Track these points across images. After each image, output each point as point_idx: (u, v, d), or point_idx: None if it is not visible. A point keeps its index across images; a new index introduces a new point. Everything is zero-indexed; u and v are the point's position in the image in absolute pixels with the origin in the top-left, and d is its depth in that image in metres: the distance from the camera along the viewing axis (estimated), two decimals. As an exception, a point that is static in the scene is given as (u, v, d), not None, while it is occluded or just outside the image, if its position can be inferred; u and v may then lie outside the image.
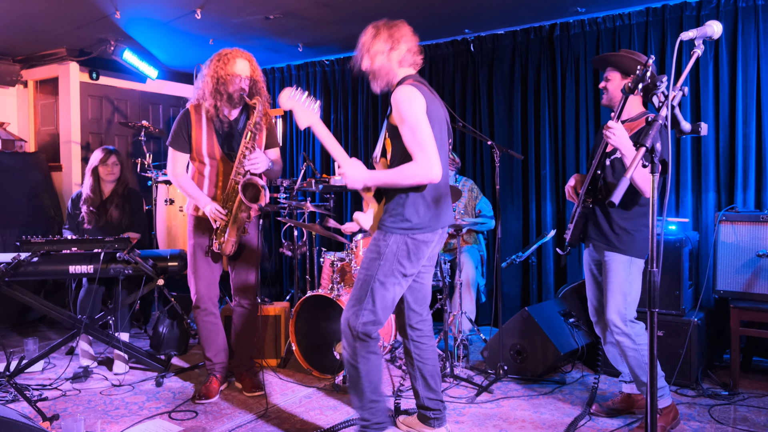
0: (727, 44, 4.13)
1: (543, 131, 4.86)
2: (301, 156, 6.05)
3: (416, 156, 2.43)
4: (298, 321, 3.82)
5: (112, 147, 4.30)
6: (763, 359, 3.92)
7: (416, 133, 2.43)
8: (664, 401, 2.85)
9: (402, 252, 2.53)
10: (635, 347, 2.79)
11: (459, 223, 3.85)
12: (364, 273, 2.57)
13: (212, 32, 5.02)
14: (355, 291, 2.59)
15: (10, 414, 2.21)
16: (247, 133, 3.18)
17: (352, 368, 2.59)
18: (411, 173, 2.44)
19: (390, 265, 2.52)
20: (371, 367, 2.58)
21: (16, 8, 4.38)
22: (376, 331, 2.57)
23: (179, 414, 3.17)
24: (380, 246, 2.54)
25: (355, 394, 2.63)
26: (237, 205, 3.17)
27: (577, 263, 4.72)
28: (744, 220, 3.48)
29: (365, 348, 2.56)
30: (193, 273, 3.36)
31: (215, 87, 3.16)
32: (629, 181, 1.69)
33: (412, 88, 2.47)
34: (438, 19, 4.71)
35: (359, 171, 2.51)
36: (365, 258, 2.60)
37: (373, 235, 2.61)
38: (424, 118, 2.45)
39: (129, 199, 4.28)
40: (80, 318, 3.66)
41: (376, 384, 2.61)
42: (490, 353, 3.76)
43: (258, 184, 3.14)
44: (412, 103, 2.45)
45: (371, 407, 2.61)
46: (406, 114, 2.44)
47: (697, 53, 1.89)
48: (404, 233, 2.53)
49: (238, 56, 3.19)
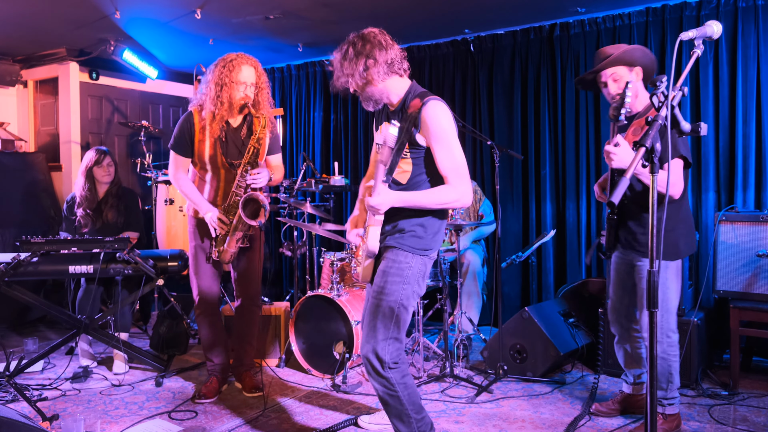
0: (727, 44, 4.13)
1: (543, 131, 4.86)
2: (301, 156, 6.05)
3: (452, 180, 2.30)
4: (298, 321, 3.82)
5: (104, 148, 4.27)
6: (763, 359, 3.92)
7: (455, 155, 2.30)
8: (672, 409, 2.85)
9: (421, 273, 2.42)
10: (664, 357, 2.77)
11: (459, 223, 3.85)
12: (385, 299, 2.37)
13: (212, 32, 5.02)
14: (375, 319, 2.38)
15: (10, 414, 2.21)
16: (250, 149, 3.14)
17: (392, 398, 2.39)
18: (446, 198, 2.31)
19: (412, 288, 2.40)
20: (411, 390, 2.43)
21: (16, 8, 4.37)
22: (401, 353, 2.43)
23: (179, 414, 3.17)
24: (403, 269, 2.37)
25: (401, 423, 2.42)
26: (237, 219, 3.16)
27: (576, 263, 4.72)
28: (744, 220, 3.48)
29: (400, 373, 2.40)
30: (194, 273, 3.35)
31: (218, 94, 3.09)
32: (629, 181, 1.69)
33: (444, 106, 2.33)
34: (438, 19, 4.71)
35: (387, 194, 2.32)
36: (383, 281, 2.39)
37: (388, 256, 2.41)
38: (458, 139, 2.34)
39: (123, 198, 4.27)
40: (80, 318, 3.66)
41: (417, 401, 2.45)
42: (489, 353, 3.76)
43: (259, 199, 3.10)
44: (450, 123, 2.32)
45: (420, 426, 2.45)
46: (446, 134, 2.30)
47: (697, 53, 1.89)
48: (424, 254, 2.41)
49: (243, 63, 3.11)
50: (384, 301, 2.37)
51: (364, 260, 2.50)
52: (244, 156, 3.17)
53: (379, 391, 2.41)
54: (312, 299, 3.77)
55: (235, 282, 3.47)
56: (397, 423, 2.44)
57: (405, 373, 2.42)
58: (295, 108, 6.23)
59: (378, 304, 2.38)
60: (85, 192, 4.12)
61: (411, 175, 2.38)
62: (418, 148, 2.34)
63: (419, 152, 2.36)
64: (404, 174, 2.39)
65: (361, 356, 2.43)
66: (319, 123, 6.04)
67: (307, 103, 6.13)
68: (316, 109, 6.06)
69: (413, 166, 2.38)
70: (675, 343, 2.81)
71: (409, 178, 2.39)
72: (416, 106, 2.31)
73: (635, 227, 2.79)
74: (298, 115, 6.21)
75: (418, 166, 2.38)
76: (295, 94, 6.21)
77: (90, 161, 4.14)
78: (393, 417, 2.44)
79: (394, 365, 2.38)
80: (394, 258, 2.39)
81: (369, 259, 2.47)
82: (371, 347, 2.37)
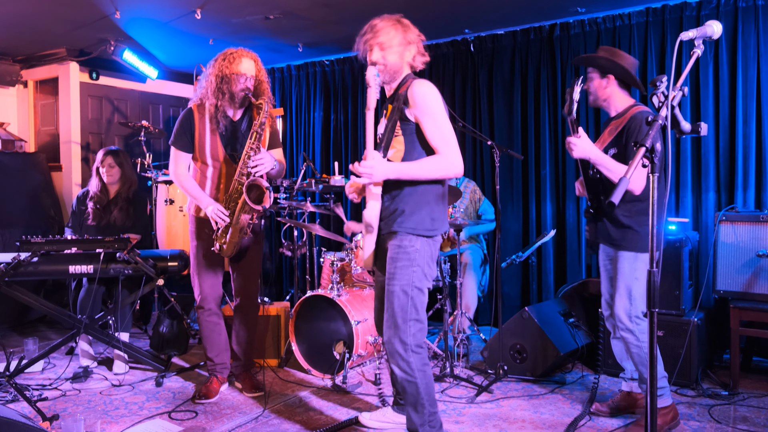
0: (727, 44, 4.13)
1: (543, 131, 4.85)
2: (301, 156, 6.05)
3: (442, 149, 2.44)
4: (298, 321, 3.82)
5: (114, 147, 4.32)
6: (763, 359, 3.92)
7: (442, 126, 2.45)
8: (663, 401, 2.85)
9: (428, 255, 2.52)
10: (638, 344, 2.80)
11: (459, 223, 3.85)
12: (398, 284, 2.46)
13: (212, 32, 5.02)
14: (393, 305, 2.47)
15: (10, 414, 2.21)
16: (253, 134, 3.14)
17: (410, 385, 2.47)
18: (438, 166, 2.44)
19: (422, 270, 2.49)
20: (429, 379, 2.50)
21: (16, 8, 4.38)
22: (425, 336, 2.51)
23: (179, 414, 3.17)
24: (409, 252, 2.47)
25: (414, 412, 2.50)
26: (240, 207, 3.14)
27: (576, 263, 4.72)
28: (744, 220, 3.48)
29: (421, 360, 2.48)
30: (196, 273, 3.35)
31: (218, 86, 3.13)
32: (629, 181, 1.69)
33: (432, 85, 2.49)
34: (438, 19, 4.71)
35: (381, 162, 2.44)
36: (393, 268, 2.49)
37: (392, 243, 2.51)
38: (446, 114, 2.48)
39: (134, 203, 4.31)
40: (80, 318, 3.66)
41: (433, 395, 2.53)
42: (490, 353, 3.76)
43: (262, 185, 3.11)
44: (437, 98, 2.48)
45: (431, 420, 2.51)
46: (432, 108, 2.46)
47: (697, 53, 1.89)
48: (428, 236, 2.51)
49: (243, 55, 3.17)
50: (397, 286, 2.47)
51: (364, 239, 2.56)
52: (245, 146, 3.17)
53: (399, 377, 2.49)
54: (312, 299, 3.77)
55: (235, 282, 3.47)
56: (411, 412, 2.52)
57: (425, 362, 2.50)
58: (295, 108, 6.23)
59: (392, 290, 2.48)
60: (97, 189, 4.21)
61: (404, 154, 2.50)
62: (407, 123, 2.49)
63: (409, 127, 2.49)
64: (398, 153, 2.51)
65: (384, 342, 2.52)
66: (319, 123, 6.04)
67: (307, 103, 6.13)
68: (316, 109, 6.06)
69: (405, 144, 2.50)
70: (646, 330, 2.80)
71: (403, 156, 2.50)
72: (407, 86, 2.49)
73: (607, 222, 2.88)
74: (298, 115, 6.22)
75: (409, 143, 2.49)
76: (295, 94, 6.21)
77: (96, 161, 4.24)
78: (409, 405, 2.52)
79: (417, 348, 2.46)
80: (398, 243, 2.49)
81: (368, 234, 2.52)
82: (393, 332, 2.46)
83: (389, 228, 2.52)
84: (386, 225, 2.52)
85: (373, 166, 2.40)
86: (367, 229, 2.52)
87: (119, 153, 4.26)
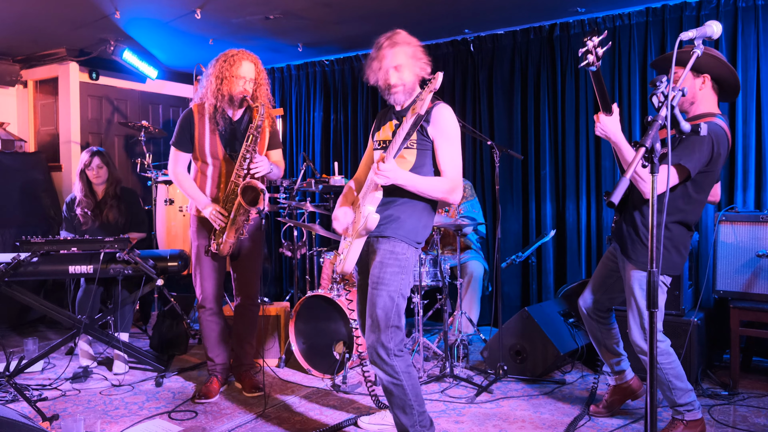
0: (727, 44, 4.13)
1: (543, 131, 4.85)
2: (301, 156, 6.05)
3: (449, 174, 2.52)
4: (297, 321, 3.82)
5: (96, 148, 4.23)
6: (763, 359, 3.92)
7: (455, 154, 2.54)
8: (693, 414, 2.68)
9: (413, 264, 2.60)
10: (658, 366, 2.65)
11: (460, 223, 3.85)
12: (385, 290, 2.48)
13: (212, 32, 5.02)
14: (376, 311, 2.48)
15: (9, 414, 2.21)
16: (249, 136, 3.16)
17: (396, 388, 2.48)
18: (443, 188, 2.51)
19: (408, 278, 2.55)
20: (414, 381, 2.52)
21: (16, 8, 4.38)
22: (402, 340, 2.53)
23: (179, 414, 3.17)
24: (401, 259, 2.51)
25: (403, 414, 2.51)
26: (236, 208, 3.16)
27: (576, 263, 4.72)
28: (744, 220, 3.48)
29: (404, 362, 2.50)
30: (198, 273, 3.36)
31: (218, 87, 3.16)
32: (629, 181, 1.68)
33: (452, 112, 2.59)
34: (438, 19, 4.71)
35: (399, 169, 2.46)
36: (381, 272, 2.50)
37: (384, 247, 2.52)
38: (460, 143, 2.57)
39: (123, 198, 4.27)
40: (80, 318, 3.66)
41: (420, 395, 2.54)
42: (489, 353, 3.76)
43: (257, 187, 3.11)
44: (457, 126, 2.58)
45: (421, 419, 2.52)
46: (452, 133, 2.54)
47: (697, 53, 1.89)
48: (417, 246, 2.58)
49: (244, 58, 3.19)
50: (384, 291, 2.49)
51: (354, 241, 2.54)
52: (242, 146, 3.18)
53: (384, 381, 2.51)
54: (312, 299, 3.77)
55: (235, 282, 3.48)
56: (399, 414, 2.52)
57: (409, 363, 2.53)
58: (295, 108, 6.23)
59: (378, 294, 2.49)
60: (83, 194, 4.14)
61: (413, 167, 2.53)
62: (426, 139, 2.53)
63: (425, 144, 2.53)
64: (406, 163, 2.53)
65: (366, 346, 2.53)
66: (319, 123, 6.04)
67: (307, 103, 6.13)
68: (316, 109, 6.06)
69: (417, 157, 2.54)
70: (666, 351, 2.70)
71: (410, 169, 2.53)
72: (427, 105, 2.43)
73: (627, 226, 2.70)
74: (298, 115, 6.21)
75: (420, 158, 2.54)
76: (295, 94, 6.21)
77: (81, 164, 4.15)
78: (396, 408, 2.52)
79: (399, 352, 2.49)
80: (391, 249, 2.52)
81: (362, 237, 2.53)
82: (376, 337, 2.48)
83: (382, 232, 2.53)
84: (378, 229, 2.52)
85: (393, 170, 2.43)
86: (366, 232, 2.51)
87: (104, 153, 4.21)
